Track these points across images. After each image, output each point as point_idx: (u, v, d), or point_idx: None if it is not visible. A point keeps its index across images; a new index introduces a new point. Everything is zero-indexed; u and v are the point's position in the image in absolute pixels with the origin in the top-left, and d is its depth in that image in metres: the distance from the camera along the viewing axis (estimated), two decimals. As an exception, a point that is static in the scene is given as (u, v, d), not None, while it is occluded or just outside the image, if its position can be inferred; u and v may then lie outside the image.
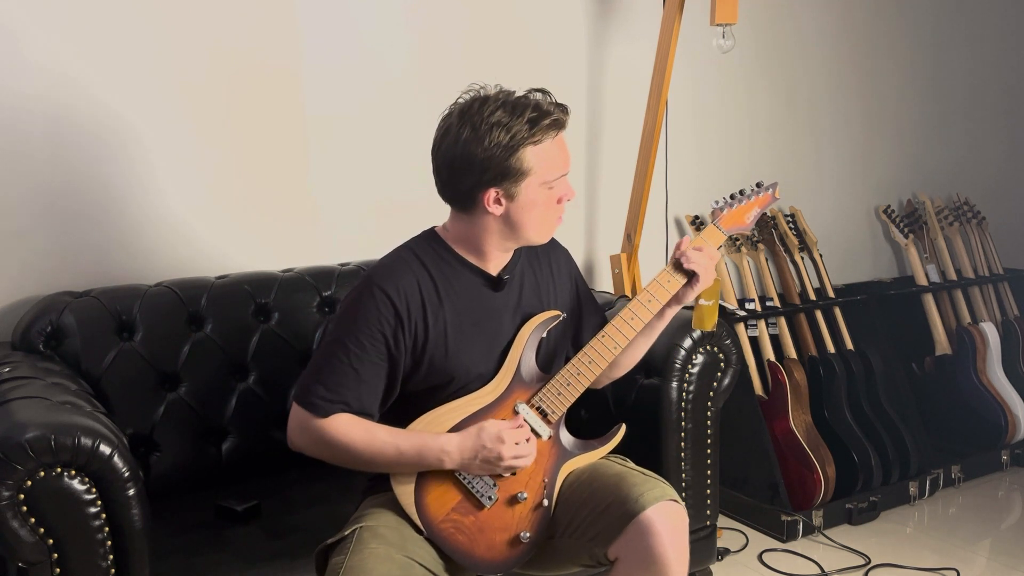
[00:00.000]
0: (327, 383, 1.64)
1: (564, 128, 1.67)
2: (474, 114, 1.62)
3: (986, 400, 3.40)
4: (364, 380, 1.65)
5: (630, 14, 2.99)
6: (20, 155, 2.16)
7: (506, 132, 1.60)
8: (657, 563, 1.58)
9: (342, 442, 1.63)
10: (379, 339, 1.65)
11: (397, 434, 1.65)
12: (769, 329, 3.13)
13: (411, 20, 2.63)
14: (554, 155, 1.66)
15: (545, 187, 1.66)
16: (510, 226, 1.69)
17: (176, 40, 2.31)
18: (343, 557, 1.56)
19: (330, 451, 1.66)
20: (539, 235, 1.74)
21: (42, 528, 1.54)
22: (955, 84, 3.86)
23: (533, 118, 1.62)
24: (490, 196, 1.65)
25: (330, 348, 1.66)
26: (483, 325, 1.73)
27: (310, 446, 1.68)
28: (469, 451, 1.64)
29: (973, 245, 3.70)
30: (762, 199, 1.92)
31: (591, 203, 3.02)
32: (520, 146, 1.61)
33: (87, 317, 2.10)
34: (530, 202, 1.66)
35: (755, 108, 3.32)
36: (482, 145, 1.61)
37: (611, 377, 1.93)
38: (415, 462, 1.64)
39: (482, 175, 1.63)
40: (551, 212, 1.71)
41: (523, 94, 1.66)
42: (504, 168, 1.62)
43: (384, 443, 1.63)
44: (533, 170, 1.63)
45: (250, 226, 2.47)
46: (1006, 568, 2.68)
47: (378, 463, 1.66)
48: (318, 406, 1.64)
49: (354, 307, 1.67)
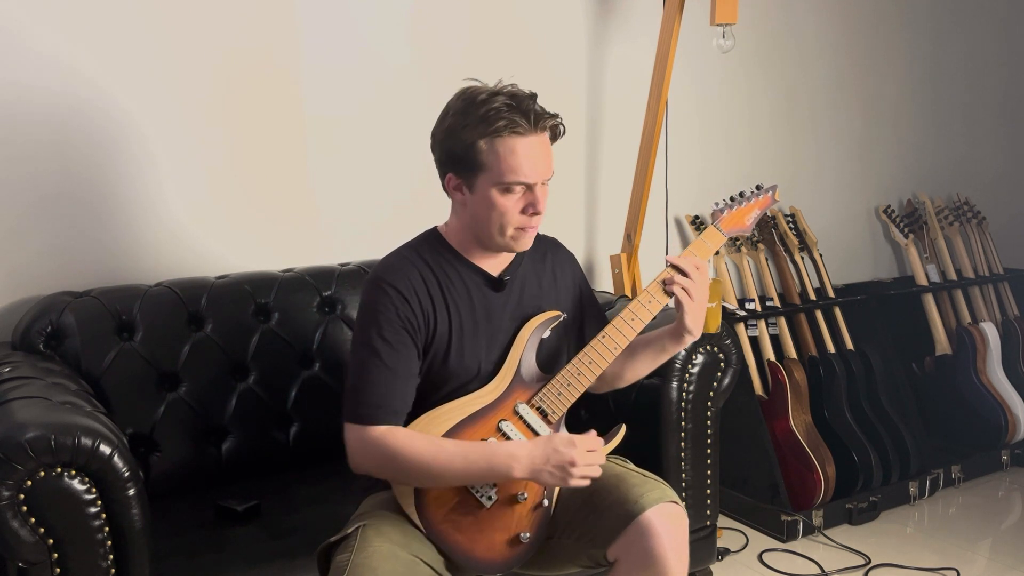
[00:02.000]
0: (369, 391, 1.62)
1: (522, 133, 1.60)
2: (457, 97, 1.66)
3: (986, 400, 3.40)
4: (401, 376, 1.64)
5: (630, 14, 2.99)
6: (20, 155, 2.16)
7: (464, 115, 1.62)
8: (657, 564, 1.58)
9: (407, 455, 1.59)
10: (403, 332, 1.65)
11: (461, 444, 1.62)
12: (769, 329, 3.13)
13: (411, 20, 2.63)
14: (512, 158, 1.60)
15: (500, 188, 1.63)
16: (475, 222, 1.69)
17: (176, 41, 2.30)
18: (348, 555, 1.56)
19: (396, 465, 1.60)
20: (506, 243, 1.69)
21: (42, 528, 1.54)
22: (955, 84, 3.86)
23: (493, 111, 1.60)
24: (451, 181, 1.68)
25: (360, 356, 1.65)
26: (483, 325, 1.74)
27: (375, 463, 1.63)
28: (540, 457, 1.58)
29: (973, 245, 3.70)
30: (762, 201, 1.92)
31: (591, 203, 3.02)
32: (473, 135, 1.61)
33: (87, 317, 2.10)
34: (486, 200, 1.64)
35: (755, 108, 3.32)
36: (444, 124, 1.66)
37: (614, 386, 1.93)
38: (484, 471, 1.59)
39: (440, 155, 1.68)
40: (512, 218, 1.65)
41: (515, 92, 1.64)
42: (456, 152, 1.64)
43: (452, 454, 1.59)
44: (486, 166, 1.62)
45: (250, 226, 2.47)
46: (1006, 568, 2.68)
47: (447, 476, 1.60)
48: (367, 416, 1.61)
49: (371, 309, 1.66)
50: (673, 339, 1.80)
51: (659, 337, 1.83)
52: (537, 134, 1.63)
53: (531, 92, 1.65)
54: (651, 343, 1.84)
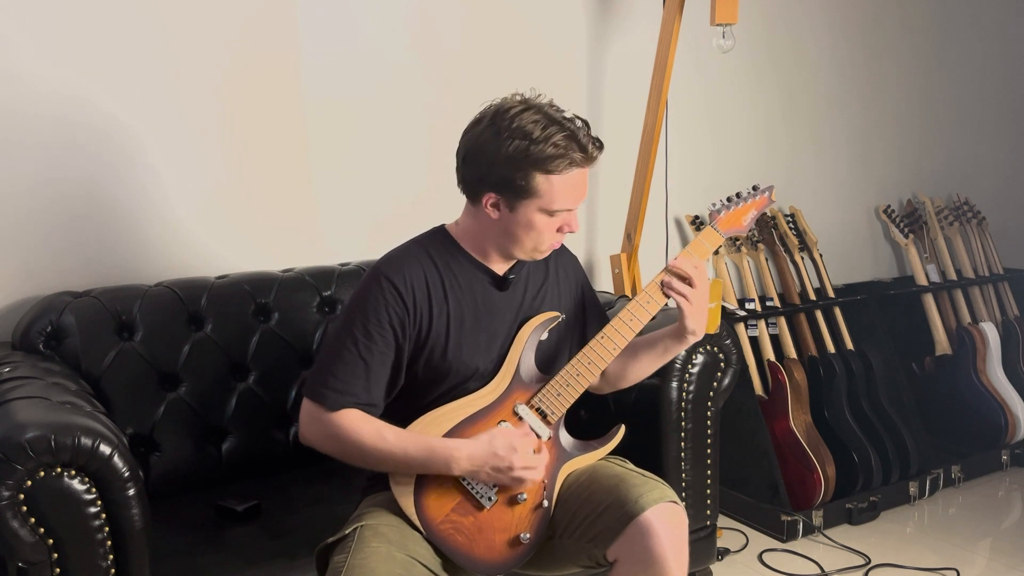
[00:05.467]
0: (337, 375, 1.64)
1: (580, 165, 1.63)
2: (508, 116, 1.62)
3: (986, 400, 3.40)
4: (373, 371, 1.65)
5: (630, 13, 2.99)
6: (20, 155, 2.16)
7: (525, 149, 1.59)
8: (656, 565, 1.58)
9: (351, 438, 1.63)
10: (387, 329, 1.66)
11: (406, 437, 1.65)
12: (769, 329, 3.13)
13: (411, 21, 2.63)
14: (565, 189, 1.63)
15: (545, 213, 1.65)
16: (505, 236, 1.69)
17: (177, 42, 2.30)
18: (345, 556, 1.56)
19: (340, 446, 1.66)
20: (529, 255, 1.73)
21: (42, 528, 1.54)
22: (955, 84, 3.86)
23: (557, 148, 1.60)
24: (489, 199, 1.66)
25: (339, 340, 1.67)
26: (484, 322, 1.74)
27: (321, 440, 1.68)
28: (479, 459, 1.62)
29: (973, 245, 3.70)
30: (758, 202, 1.93)
31: (591, 203, 3.02)
32: (532, 168, 1.60)
33: (87, 317, 2.10)
34: (527, 221, 1.66)
35: (755, 108, 3.32)
36: (499, 150, 1.61)
37: (617, 387, 1.93)
38: (422, 466, 1.64)
39: (487, 176, 1.64)
40: (547, 237, 1.69)
41: (566, 117, 1.64)
42: (510, 180, 1.62)
43: (392, 445, 1.63)
44: (538, 194, 1.63)
45: (250, 226, 2.47)
46: (1006, 568, 2.68)
47: (386, 463, 1.66)
48: (328, 398, 1.64)
49: (362, 298, 1.68)
50: (675, 339, 1.80)
51: (661, 337, 1.83)
52: (586, 166, 1.65)
53: (584, 120, 1.66)
54: (653, 344, 1.85)
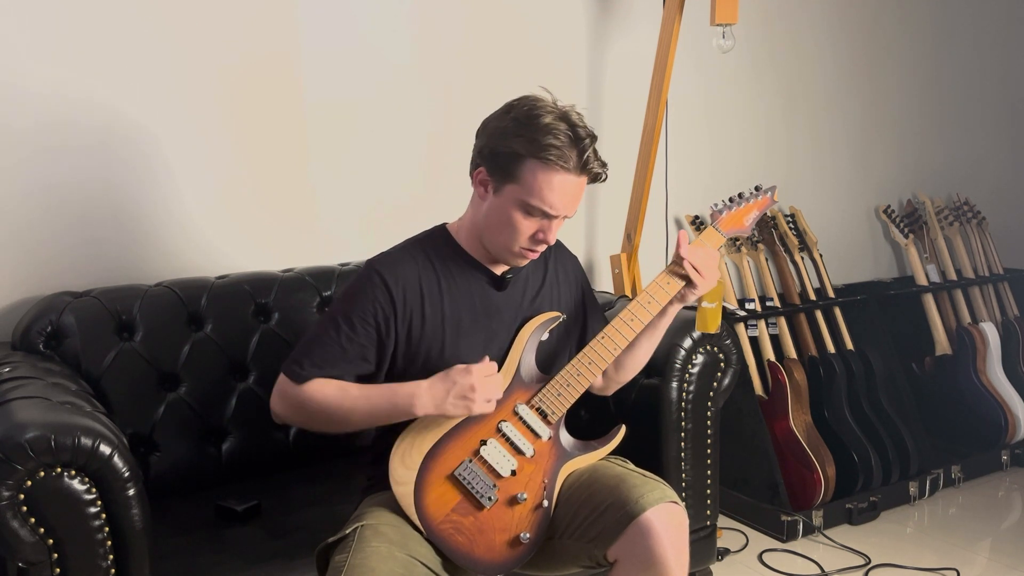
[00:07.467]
0: (313, 356, 1.68)
1: (567, 170, 1.61)
2: (528, 101, 1.65)
3: (986, 400, 3.40)
4: (349, 359, 1.69)
5: (630, 14, 2.99)
6: (20, 155, 2.16)
7: (524, 126, 1.61)
8: (657, 565, 1.58)
9: (316, 401, 1.67)
10: (370, 323, 1.68)
11: (369, 388, 1.68)
12: (769, 329, 3.13)
13: (411, 21, 2.63)
14: (549, 186, 1.61)
15: (521, 206, 1.64)
16: (486, 225, 1.69)
17: (176, 42, 2.30)
18: (345, 556, 1.56)
19: (307, 414, 1.70)
20: (502, 255, 1.72)
21: (42, 528, 1.54)
22: (955, 84, 3.86)
23: (551, 136, 1.59)
24: (480, 174, 1.68)
25: (322, 325, 1.71)
26: (482, 322, 1.74)
27: (288, 412, 1.72)
28: (440, 390, 1.62)
29: (973, 245, 3.70)
30: (760, 202, 1.93)
31: (591, 203, 3.02)
32: (523, 146, 1.60)
33: (87, 317, 2.10)
34: (504, 210, 1.65)
35: (755, 108, 3.32)
36: (501, 122, 1.64)
37: (619, 381, 1.93)
38: (388, 410, 1.65)
39: (484, 147, 1.66)
40: (520, 238, 1.67)
41: (581, 125, 1.63)
42: (499, 153, 1.63)
43: (356, 398, 1.66)
44: (520, 180, 1.62)
45: (250, 226, 2.47)
46: (1006, 568, 2.68)
47: (353, 419, 1.68)
48: (299, 375, 1.68)
49: (352, 289, 1.72)
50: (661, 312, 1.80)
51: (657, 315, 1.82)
52: (579, 176, 1.64)
53: (593, 132, 1.65)
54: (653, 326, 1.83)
